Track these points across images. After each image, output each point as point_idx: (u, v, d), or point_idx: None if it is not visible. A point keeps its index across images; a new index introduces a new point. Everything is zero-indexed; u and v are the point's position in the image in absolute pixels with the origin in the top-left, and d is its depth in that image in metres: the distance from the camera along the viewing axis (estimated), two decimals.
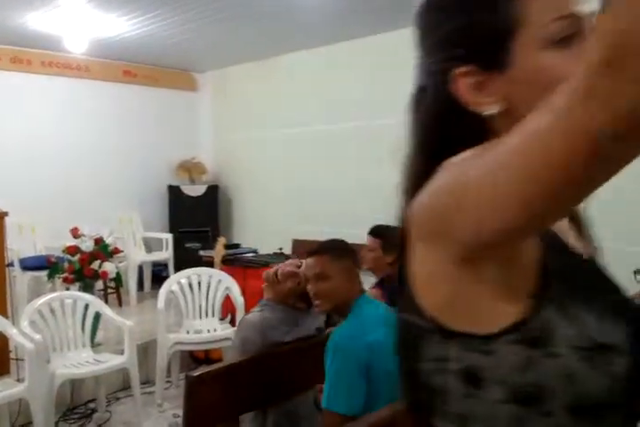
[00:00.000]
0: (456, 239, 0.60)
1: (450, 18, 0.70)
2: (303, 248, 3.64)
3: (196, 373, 2.00)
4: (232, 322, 4.17)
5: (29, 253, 5.38)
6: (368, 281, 3.05)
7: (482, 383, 0.64)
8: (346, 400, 1.83)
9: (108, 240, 4.50)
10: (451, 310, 0.66)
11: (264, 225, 6.82)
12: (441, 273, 0.65)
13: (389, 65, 5.64)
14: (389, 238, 3.00)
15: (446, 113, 0.71)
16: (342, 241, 2.22)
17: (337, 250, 2.10)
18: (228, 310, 4.32)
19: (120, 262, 4.75)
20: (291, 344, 2.20)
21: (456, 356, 0.65)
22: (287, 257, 4.72)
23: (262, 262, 4.76)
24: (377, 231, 3.06)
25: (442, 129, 0.72)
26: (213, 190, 7.16)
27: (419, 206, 0.65)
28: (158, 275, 6.13)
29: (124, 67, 6.79)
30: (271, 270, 2.31)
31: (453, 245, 0.61)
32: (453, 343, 0.66)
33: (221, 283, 4.21)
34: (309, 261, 2.09)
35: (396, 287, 3.07)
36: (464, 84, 0.69)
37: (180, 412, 2.01)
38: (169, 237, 6.32)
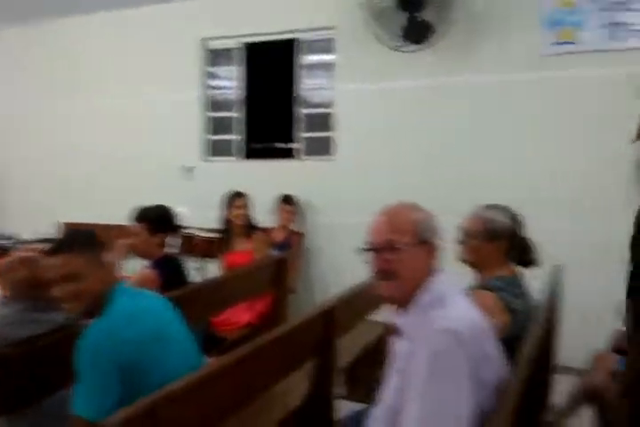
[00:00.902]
0: None
1: None
2: None
3: None
4: None
5: None
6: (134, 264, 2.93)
7: None
8: (97, 405, 1.67)
9: None
10: None
11: (28, 208, 6.20)
12: None
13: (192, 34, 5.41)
14: (153, 220, 2.89)
15: None
16: (83, 232, 1.95)
17: (79, 244, 1.83)
18: None
19: None
20: (37, 340, 1.96)
21: None
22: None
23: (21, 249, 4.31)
24: (139, 216, 2.91)
25: None
26: None
27: None
28: None
29: None
30: (1, 261, 1.99)
31: None
32: None
33: None
34: (51, 261, 1.81)
35: (172, 267, 2.88)
36: None
37: None
38: None
